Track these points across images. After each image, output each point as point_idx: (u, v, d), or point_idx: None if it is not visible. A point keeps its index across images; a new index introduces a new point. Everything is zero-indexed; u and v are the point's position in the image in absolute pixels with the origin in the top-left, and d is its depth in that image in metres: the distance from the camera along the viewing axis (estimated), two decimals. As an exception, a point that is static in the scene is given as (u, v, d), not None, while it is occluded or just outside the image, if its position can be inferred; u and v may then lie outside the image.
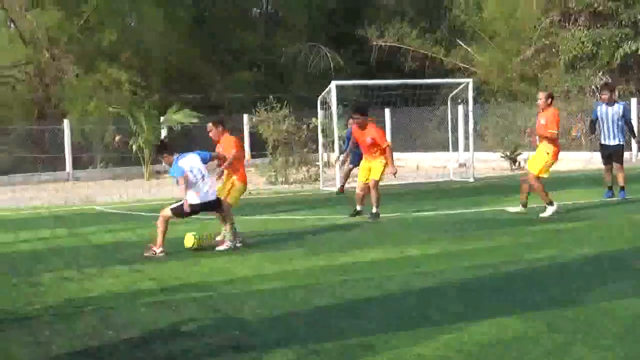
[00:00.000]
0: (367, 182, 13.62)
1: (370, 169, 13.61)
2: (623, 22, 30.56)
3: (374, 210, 13.44)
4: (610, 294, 7.28)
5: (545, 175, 13.23)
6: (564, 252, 9.59)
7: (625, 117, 15.23)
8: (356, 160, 19.00)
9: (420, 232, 11.77)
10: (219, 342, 6.12)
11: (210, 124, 11.82)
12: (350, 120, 15.78)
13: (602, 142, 15.43)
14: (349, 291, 7.77)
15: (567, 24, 32.23)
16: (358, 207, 13.78)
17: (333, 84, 20.25)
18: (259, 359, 5.68)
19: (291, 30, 39.10)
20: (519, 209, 13.55)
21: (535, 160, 13.26)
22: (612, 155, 15.22)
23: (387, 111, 31.52)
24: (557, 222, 12.24)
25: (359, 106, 15.64)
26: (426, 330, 6.25)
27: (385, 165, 13.51)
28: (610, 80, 27.20)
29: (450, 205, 15.37)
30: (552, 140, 13.22)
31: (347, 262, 9.37)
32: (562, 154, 13.92)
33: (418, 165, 27.53)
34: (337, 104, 22.08)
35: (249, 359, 5.69)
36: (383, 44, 37.19)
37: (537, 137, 13.76)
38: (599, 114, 15.28)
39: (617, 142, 15.13)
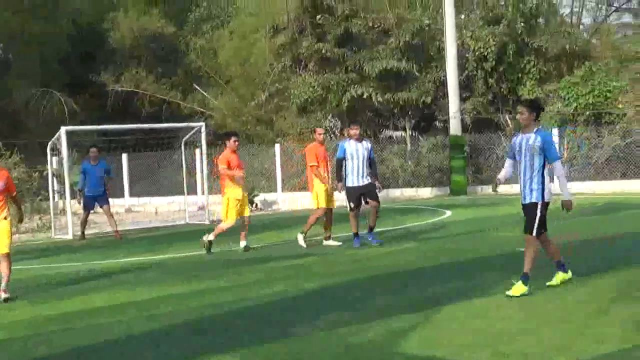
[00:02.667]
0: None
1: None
2: (349, 68, 32.32)
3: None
4: (327, 326, 7.64)
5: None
6: (288, 287, 9.94)
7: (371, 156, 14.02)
8: (91, 204, 18.67)
9: (152, 275, 11.72)
10: None
11: None
12: None
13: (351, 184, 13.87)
14: (71, 340, 7.58)
15: (298, 69, 33.57)
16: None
17: (63, 130, 19.76)
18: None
19: (23, 75, 37.67)
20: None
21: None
22: (365, 195, 13.79)
23: (124, 156, 31.14)
24: (285, 260, 12.66)
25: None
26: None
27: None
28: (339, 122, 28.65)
29: (185, 247, 15.42)
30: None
31: (72, 310, 9.13)
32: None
33: (157, 210, 27.37)
34: (71, 150, 21.58)
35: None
36: (119, 88, 36.77)
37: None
38: (348, 151, 13.81)
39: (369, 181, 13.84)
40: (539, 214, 8.71)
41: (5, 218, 10.37)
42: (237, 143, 14.23)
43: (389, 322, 7.55)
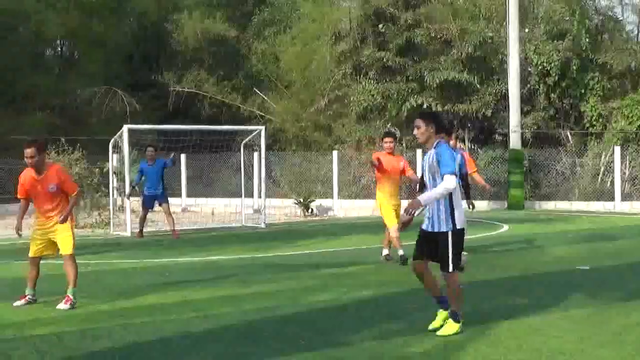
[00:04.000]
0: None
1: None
2: (410, 77, 32.22)
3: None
4: (378, 336, 7.61)
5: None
6: (341, 294, 9.93)
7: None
8: (150, 203, 18.92)
9: (208, 276, 11.81)
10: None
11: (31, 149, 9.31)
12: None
13: None
14: (127, 336, 7.67)
15: (358, 77, 33.57)
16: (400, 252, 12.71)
17: (125, 128, 20.04)
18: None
19: (87, 74, 38.29)
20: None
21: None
22: None
23: (182, 156, 31.47)
24: (339, 267, 12.65)
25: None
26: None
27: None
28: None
29: (241, 250, 15.53)
30: None
31: (127, 306, 9.25)
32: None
33: (213, 211, 27.57)
34: (131, 149, 21.84)
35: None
36: (180, 89, 37.21)
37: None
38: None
39: None
40: (450, 245, 7.59)
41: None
42: (390, 144, 13.14)
43: (444, 336, 7.49)
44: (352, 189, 30.73)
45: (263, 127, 23.05)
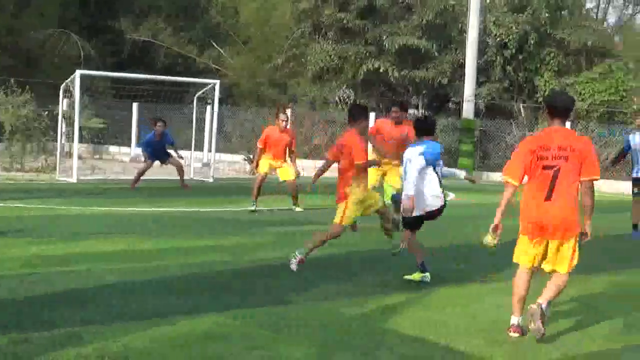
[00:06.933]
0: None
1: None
2: (369, 41, 32.14)
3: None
4: (323, 296, 7.65)
5: None
6: (287, 253, 9.92)
7: None
8: (153, 156, 18.69)
9: (152, 228, 11.73)
10: None
11: None
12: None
13: None
14: (66, 282, 7.61)
15: (317, 37, 33.39)
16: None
17: (78, 73, 19.69)
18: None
19: (41, 15, 37.46)
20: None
21: None
22: None
23: (134, 105, 31.08)
24: (287, 226, 12.66)
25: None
26: (140, 323, 6.29)
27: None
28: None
29: (188, 203, 15.45)
30: None
31: (69, 253, 9.17)
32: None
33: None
34: (82, 94, 21.50)
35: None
36: (137, 37, 36.67)
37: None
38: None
39: None
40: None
41: None
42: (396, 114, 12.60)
43: (384, 299, 7.56)
44: (303, 149, 30.70)
45: (217, 81, 22.83)
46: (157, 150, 18.60)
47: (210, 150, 24.63)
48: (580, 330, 6.82)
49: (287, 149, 14.83)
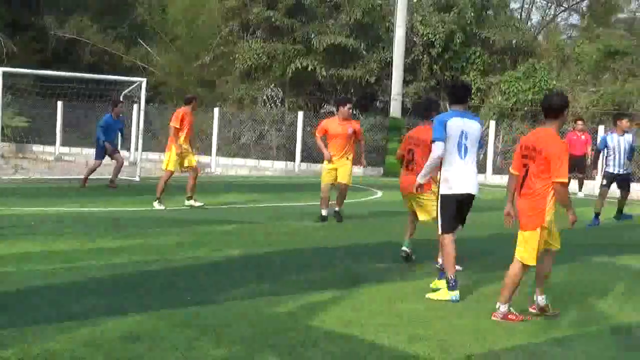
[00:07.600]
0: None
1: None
2: (297, 39, 32.15)
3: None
4: (246, 295, 7.63)
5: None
6: (213, 252, 9.89)
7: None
8: (102, 156, 18.39)
9: (77, 228, 11.53)
10: None
11: None
12: None
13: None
14: (-13, 284, 7.45)
15: (245, 35, 33.27)
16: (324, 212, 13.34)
17: (0, 70, 19.27)
18: None
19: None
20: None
21: None
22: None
23: (59, 104, 30.54)
24: (214, 225, 12.58)
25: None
26: (61, 324, 6.19)
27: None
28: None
29: (113, 202, 15.25)
30: None
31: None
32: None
33: (88, 162, 26.87)
34: (5, 92, 21.05)
35: None
36: (61, 35, 36.01)
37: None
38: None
39: None
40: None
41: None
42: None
43: (309, 297, 7.57)
44: (232, 147, 30.64)
45: (144, 80, 22.59)
46: (113, 131, 18.62)
47: (137, 149, 24.31)
48: (504, 326, 6.93)
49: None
